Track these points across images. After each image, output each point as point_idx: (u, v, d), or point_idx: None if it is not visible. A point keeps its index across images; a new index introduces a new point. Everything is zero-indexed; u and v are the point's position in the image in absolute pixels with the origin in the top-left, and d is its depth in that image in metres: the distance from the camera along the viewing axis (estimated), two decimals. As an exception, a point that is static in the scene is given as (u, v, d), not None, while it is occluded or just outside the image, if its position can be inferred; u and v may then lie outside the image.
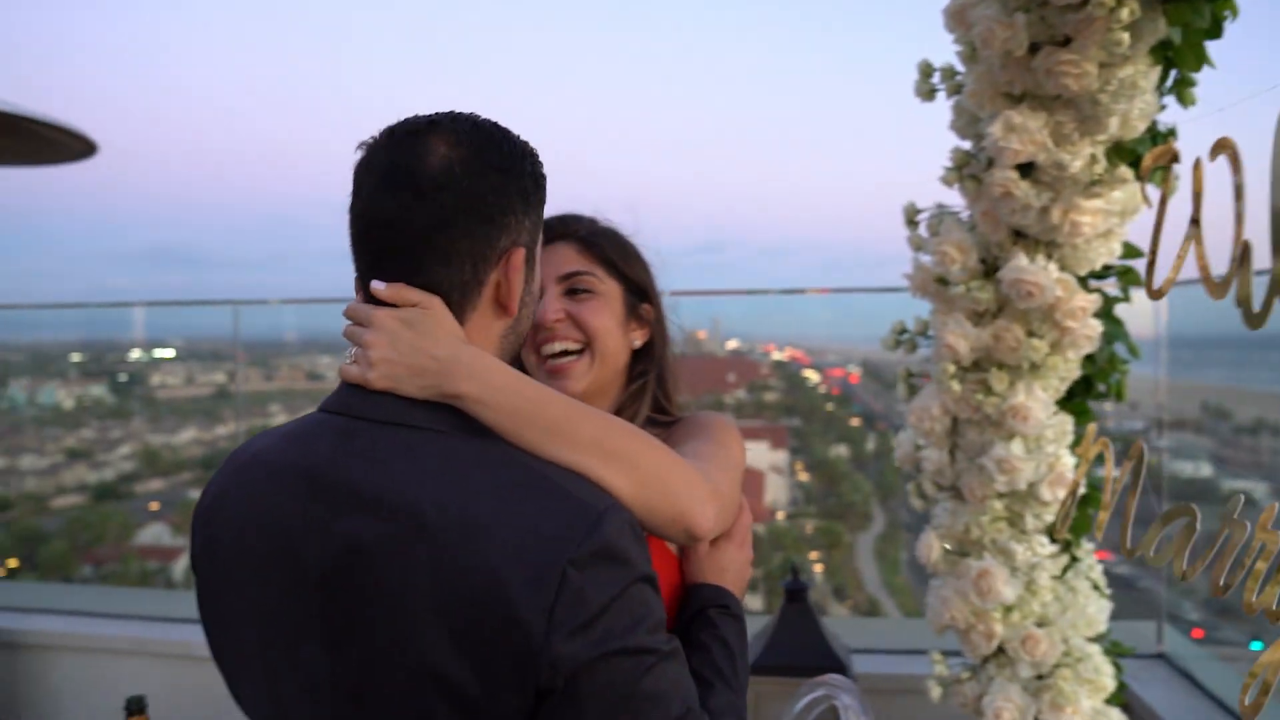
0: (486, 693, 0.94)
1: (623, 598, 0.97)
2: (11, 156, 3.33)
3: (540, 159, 1.13)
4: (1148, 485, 1.69)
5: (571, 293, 1.36)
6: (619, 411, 1.39)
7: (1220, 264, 1.29)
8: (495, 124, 1.11)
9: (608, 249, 1.39)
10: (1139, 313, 3.12)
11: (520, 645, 0.93)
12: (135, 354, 7.50)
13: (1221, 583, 1.39)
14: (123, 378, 9.18)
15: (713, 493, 1.14)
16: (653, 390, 1.41)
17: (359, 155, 1.10)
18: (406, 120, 1.10)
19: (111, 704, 2.76)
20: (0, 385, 8.24)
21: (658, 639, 1.00)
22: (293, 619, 1.03)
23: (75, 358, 8.86)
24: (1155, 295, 1.42)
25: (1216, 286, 1.36)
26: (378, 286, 1.06)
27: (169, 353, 7.22)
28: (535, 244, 1.14)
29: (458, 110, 1.11)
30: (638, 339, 1.41)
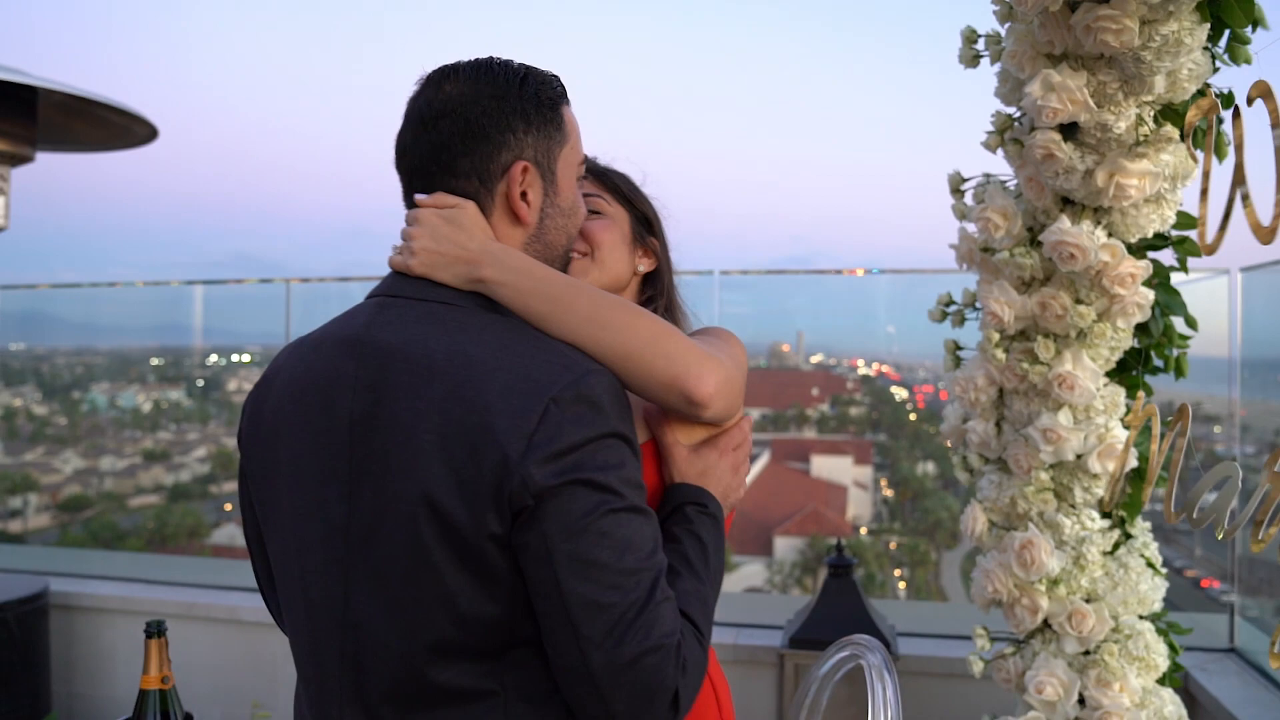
0: (469, 514, 1.06)
1: (597, 443, 1.08)
2: (79, 141, 3.44)
3: (551, 83, 1.25)
4: (1190, 449, 1.64)
5: None
6: None
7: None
8: (506, 62, 1.25)
9: (616, 180, 1.52)
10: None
11: (499, 465, 1.05)
12: (213, 359, 7.68)
13: (1260, 536, 1.35)
14: (200, 382, 9.43)
15: (716, 364, 1.22)
16: (660, 314, 1.49)
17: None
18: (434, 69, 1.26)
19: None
20: (82, 389, 8.52)
21: (629, 490, 1.09)
22: (322, 464, 1.16)
23: (154, 362, 9.12)
24: (1209, 250, 1.42)
25: (1264, 231, 1.34)
26: (421, 197, 1.23)
27: (245, 357, 7.39)
28: (551, 159, 1.25)
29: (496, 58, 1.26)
30: (644, 264, 1.51)
